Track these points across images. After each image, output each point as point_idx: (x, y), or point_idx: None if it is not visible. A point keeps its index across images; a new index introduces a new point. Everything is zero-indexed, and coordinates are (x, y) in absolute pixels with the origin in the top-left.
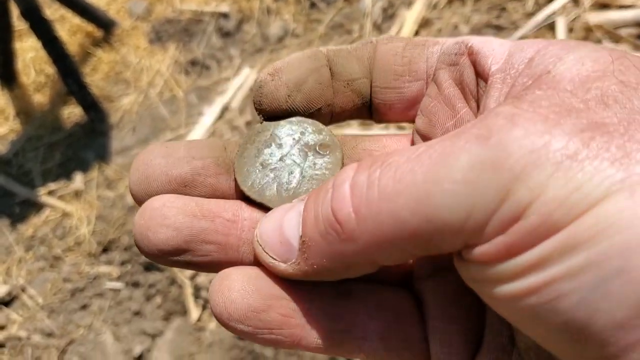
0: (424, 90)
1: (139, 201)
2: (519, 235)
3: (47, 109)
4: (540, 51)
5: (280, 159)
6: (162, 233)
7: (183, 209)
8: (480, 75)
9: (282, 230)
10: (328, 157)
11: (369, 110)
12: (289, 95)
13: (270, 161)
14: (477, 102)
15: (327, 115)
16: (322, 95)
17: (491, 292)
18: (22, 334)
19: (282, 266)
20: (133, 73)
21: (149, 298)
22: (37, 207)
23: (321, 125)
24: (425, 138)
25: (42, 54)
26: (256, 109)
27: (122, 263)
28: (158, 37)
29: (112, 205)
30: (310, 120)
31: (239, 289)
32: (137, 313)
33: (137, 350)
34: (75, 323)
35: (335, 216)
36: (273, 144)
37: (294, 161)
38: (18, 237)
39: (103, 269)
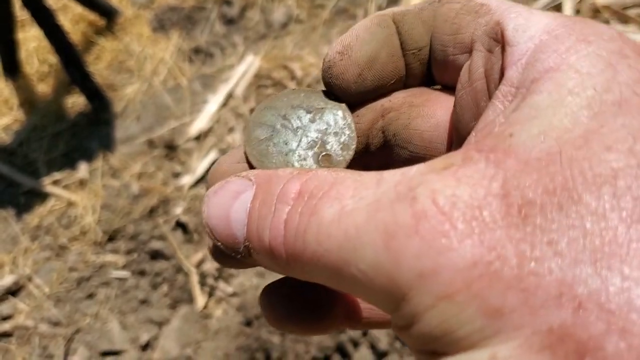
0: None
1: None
2: (411, 340)
3: (50, 98)
4: (546, 75)
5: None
6: None
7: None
8: (501, 75)
9: (228, 222)
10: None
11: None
12: (359, 75)
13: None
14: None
15: (399, 89)
16: (395, 69)
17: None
18: (29, 323)
19: (231, 253)
20: (136, 62)
21: (155, 286)
22: (42, 196)
23: (348, 131)
24: (457, 122)
25: (45, 43)
26: (326, 89)
27: (128, 252)
28: (161, 25)
29: (117, 194)
30: (344, 107)
31: None
32: (143, 301)
33: (144, 338)
34: (81, 312)
35: (270, 247)
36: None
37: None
38: (24, 227)
39: (109, 257)
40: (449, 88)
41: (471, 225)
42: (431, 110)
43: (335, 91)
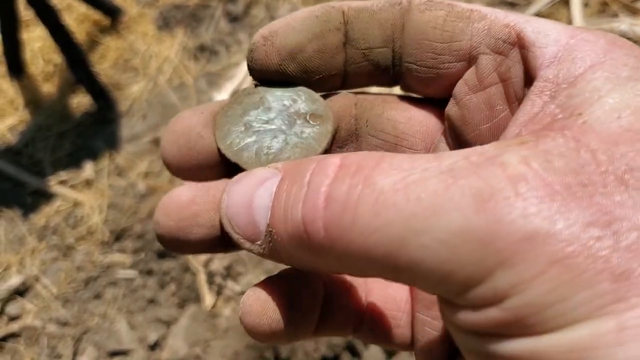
0: (462, 73)
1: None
2: (488, 321)
3: (56, 98)
4: (592, 68)
5: (266, 123)
6: (196, 234)
7: (215, 204)
8: (528, 76)
9: (251, 209)
10: (318, 127)
11: (391, 79)
12: (279, 64)
13: (254, 124)
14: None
15: (336, 83)
16: (324, 65)
17: (457, 337)
18: (37, 323)
19: (247, 245)
20: (141, 60)
21: (162, 286)
22: (49, 196)
23: (316, 95)
24: (455, 131)
25: (50, 43)
26: (249, 73)
27: (135, 251)
28: (166, 24)
29: (123, 194)
30: (305, 89)
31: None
32: (151, 301)
33: (153, 337)
34: (89, 312)
35: (304, 225)
36: (261, 107)
37: (280, 127)
38: (30, 227)
39: (116, 257)
40: (425, 99)
41: (576, 189)
42: (405, 105)
43: (255, 75)
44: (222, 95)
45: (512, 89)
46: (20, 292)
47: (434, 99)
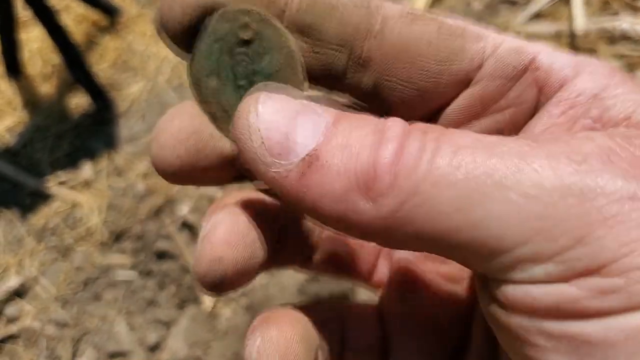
0: (455, 97)
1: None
2: (589, 293)
3: (54, 99)
4: (608, 89)
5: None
6: None
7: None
8: (541, 99)
9: (290, 127)
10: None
11: (344, 88)
12: (182, 16)
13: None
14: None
15: None
16: None
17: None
18: (36, 325)
19: (262, 168)
20: (140, 60)
21: (162, 287)
22: (47, 197)
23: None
24: None
25: (48, 43)
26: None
27: (135, 252)
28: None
29: (122, 194)
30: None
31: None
32: (151, 302)
33: (152, 339)
34: (89, 313)
35: (375, 167)
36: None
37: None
38: (29, 228)
39: (115, 258)
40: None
41: None
42: None
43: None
44: None
45: (522, 115)
46: (19, 293)
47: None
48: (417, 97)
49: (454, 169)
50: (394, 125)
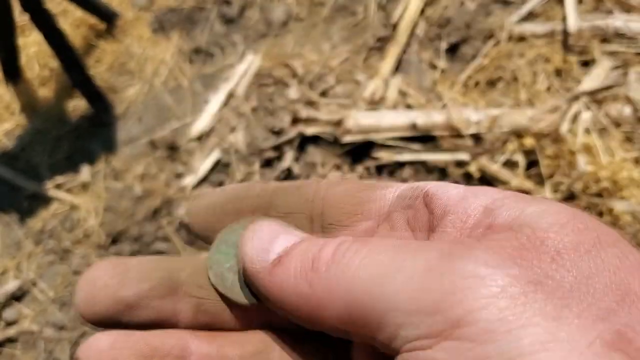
0: (375, 228)
1: (87, 320)
2: (448, 356)
3: (52, 102)
4: (496, 201)
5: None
6: None
7: (134, 349)
8: (434, 217)
9: (271, 240)
10: None
11: None
12: (194, 222)
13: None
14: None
15: None
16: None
17: None
18: (34, 328)
19: (250, 271)
20: (137, 63)
21: None
22: (45, 200)
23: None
24: None
25: (46, 47)
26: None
27: (132, 254)
28: (161, 27)
29: (120, 196)
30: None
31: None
32: None
33: None
34: None
35: (313, 261)
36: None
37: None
38: (27, 231)
39: None
40: None
41: (518, 255)
42: None
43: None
44: (218, 96)
45: (418, 231)
46: (17, 296)
47: None
48: (345, 234)
49: (365, 259)
50: (337, 239)
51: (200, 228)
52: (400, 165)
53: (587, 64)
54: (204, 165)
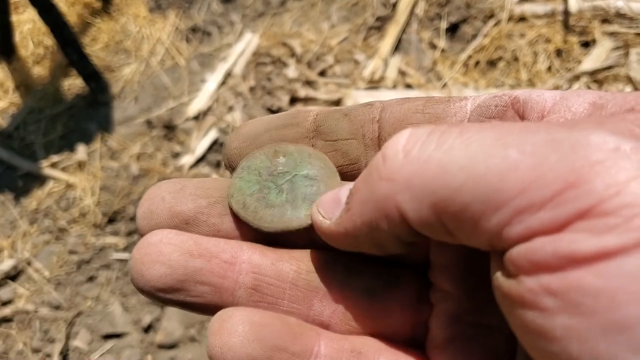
0: None
1: (144, 235)
2: (583, 236)
3: (47, 81)
4: (603, 97)
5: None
6: (155, 270)
7: (180, 247)
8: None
9: (337, 193)
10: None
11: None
12: (236, 147)
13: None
14: None
15: None
16: None
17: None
18: (30, 307)
19: (326, 223)
20: (133, 42)
21: None
22: (40, 179)
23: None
24: None
25: (40, 25)
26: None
27: (129, 233)
28: (157, 5)
29: (116, 176)
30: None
31: (240, 334)
32: None
33: (147, 320)
34: (82, 295)
35: (383, 152)
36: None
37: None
38: (22, 210)
39: (109, 239)
40: None
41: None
42: None
43: (226, 163)
44: (215, 75)
45: None
46: (12, 276)
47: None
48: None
49: (458, 137)
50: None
51: (233, 160)
52: None
53: (587, 44)
54: (201, 144)
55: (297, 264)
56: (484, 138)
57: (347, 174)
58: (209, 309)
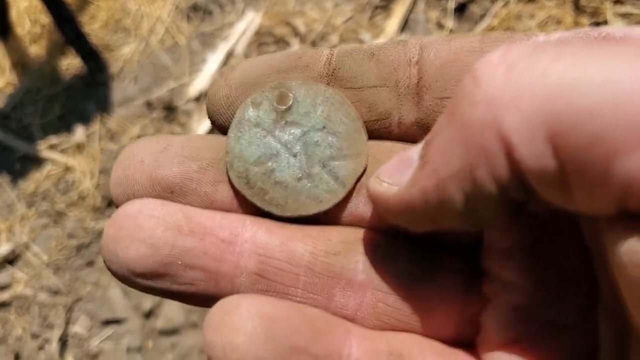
0: None
1: (121, 205)
2: None
3: (44, 60)
4: None
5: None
6: (133, 249)
7: (165, 220)
8: None
9: (403, 154)
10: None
11: (396, 129)
12: (227, 96)
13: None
14: None
15: None
16: None
17: None
18: (28, 292)
19: (392, 190)
20: (133, 21)
21: None
22: (38, 162)
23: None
24: None
25: (37, 3)
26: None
27: None
28: None
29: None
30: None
31: (249, 331)
32: None
33: (147, 305)
34: (82, 280)
35: (472, 74)
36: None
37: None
38: (19, 193)
39: None
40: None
41: None
42: None
43: (210, 115)
44: (216, 55)
45: None
46: (10, 260)
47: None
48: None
49: (586, 49)
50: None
51: (221, 113)
52: None
53: (598, 25)
54: (202, 126)
55: (314, 243)
56: (624, 52)
57: (374, 132)
58: (202, 299)
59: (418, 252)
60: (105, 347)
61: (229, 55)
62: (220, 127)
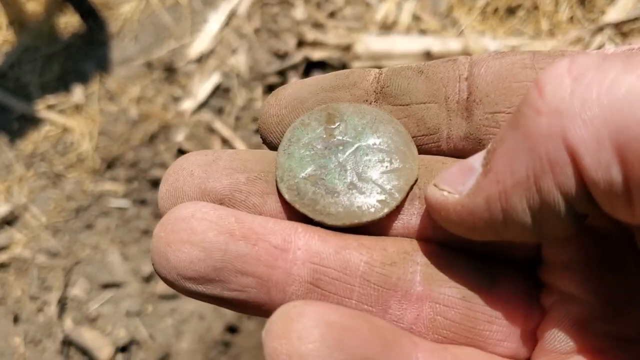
0: None
1: None
2: None
3: (42, 18)
4: None
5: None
6: (185, 253)
7: (218, 224)
8: None
9: (465, 162)
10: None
11: (444, 143)
12: (276, 115)
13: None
14: None
15: None
16: None
17: None
18: (27, 254)
19: (453, 198)
20: None
21: (157, 216)
22: (36, 122)
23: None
24: None
25: None
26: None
27: (128, 180)
28: None
29: (115, 120)
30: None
31: (317, 339)
32: (145, 232)
33: (147, 270)
34: (80, 243)
35: (537, 84)
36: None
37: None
38: (17, 154)
39: (108, 186)
40: None
41: None
42: None
43: (261, 133)
44: (218, 15)
45: None
46: (9, 221)
47: None
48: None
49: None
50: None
51: (271, 131)
52: None
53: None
54: (203, 88)
55: (369, 253)
56: None
57: (423, 147)
58: (251, 307)
59: (475, 264)
60: (104, 311)
61: (232, 15)
62: (270, 145)
